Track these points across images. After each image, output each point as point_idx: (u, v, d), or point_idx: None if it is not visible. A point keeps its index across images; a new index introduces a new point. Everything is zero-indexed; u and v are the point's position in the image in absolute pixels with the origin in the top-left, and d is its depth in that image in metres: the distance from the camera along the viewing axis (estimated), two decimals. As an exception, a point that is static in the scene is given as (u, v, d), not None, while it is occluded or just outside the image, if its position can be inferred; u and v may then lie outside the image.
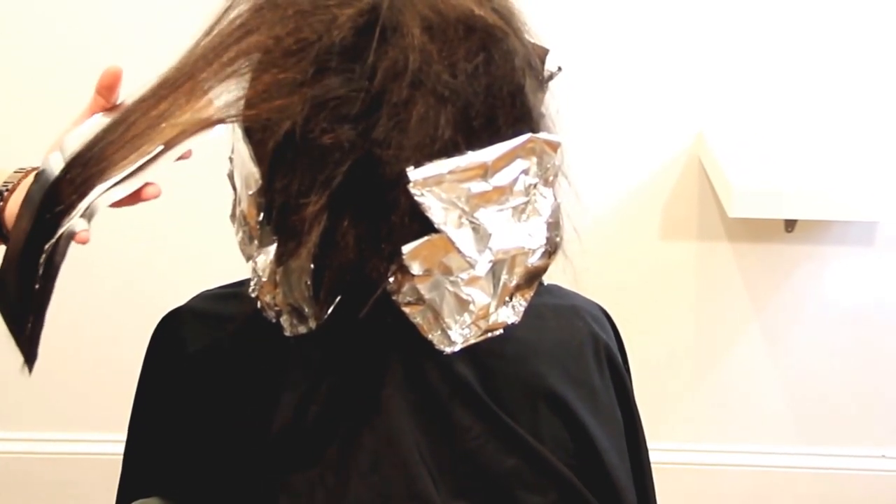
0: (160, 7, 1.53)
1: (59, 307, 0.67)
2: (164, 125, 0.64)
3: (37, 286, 0.65)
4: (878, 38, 1.54)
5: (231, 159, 0.70)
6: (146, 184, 0.67)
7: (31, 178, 0.74)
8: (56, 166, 0.65)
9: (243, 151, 0.65)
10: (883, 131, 1.59)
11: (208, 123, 0.63)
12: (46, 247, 0.64)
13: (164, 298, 0.84)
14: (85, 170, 0.64)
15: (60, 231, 0.64)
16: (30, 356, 0.66)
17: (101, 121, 0.66)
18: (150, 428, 0.81)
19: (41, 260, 0.64)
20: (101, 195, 0.65)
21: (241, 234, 0.69)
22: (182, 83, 0.63)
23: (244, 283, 0.70)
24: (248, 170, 0.65)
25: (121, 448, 0.82)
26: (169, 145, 0.64)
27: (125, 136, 0.64)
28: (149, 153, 0.64)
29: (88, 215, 0.65)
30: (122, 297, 1.69)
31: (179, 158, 0.66)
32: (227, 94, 0.63)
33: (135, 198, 0.68)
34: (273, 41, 0.61)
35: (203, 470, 0.75)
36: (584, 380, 0.76)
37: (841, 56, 1.55)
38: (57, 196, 0.64)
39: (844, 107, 1.58)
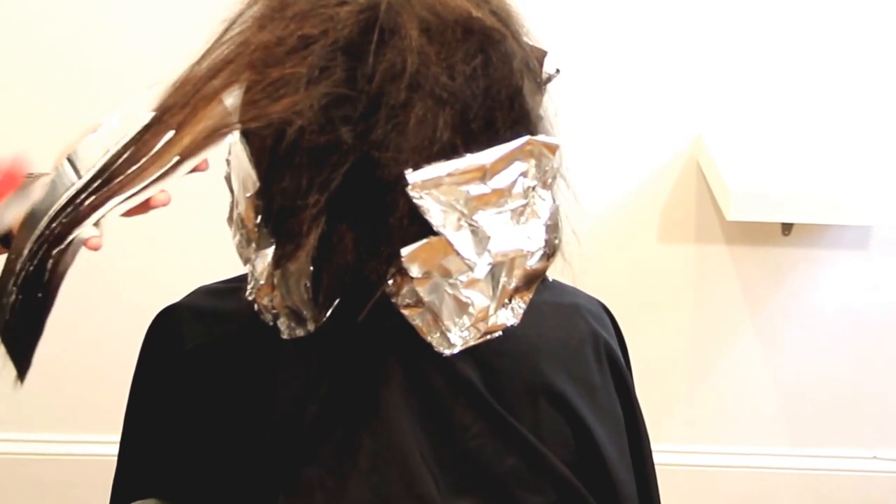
0: (161, 10, 1.52)
1: (54, 307, 0.66)
2: (178, 136, 0.63)
3: (39, 295, 0.64)
4: (874, 43, 1.55)
5: (228, 161, 0.70)
6: None
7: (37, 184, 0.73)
8: (69, 174, 0.65)
9: (241, 153, 0.65)
10: (878, 136, 1.59)
11: (223, 129, 0.63)
12: (54, 252, 0.64)
13: (160, 300, 0.83)
14: (99, 182, 0.64)
15: (70, 238, 0.64)
16: (23, 367, 0.65)
17: (115, 126, 0.65)
18: (146, 427, 0.80)
19: (48, 267, 0.64)
20: (114, 207, 0.65)
21: (238, 236, 0.68)
22: (191, 96, 0.63)
23: (243, 279, 0.69)
24: (246, 172, 0.65)
25: (116, 449, 0.82)
26: (184, 156, 0.64)
27: (141, 150, 0.64)
28: (164, 165, 0.64)
29: (100, 225, 0.65)
30: (118, 297, 1.69)
31: (194, 170, 0.66)
32: (238, 100, 0.63)
33: (145, 206, 0.68)
34: (276, 41, 0.61)
35: (200, 470, 0.74)
36: (583, 377, 0.76)
37: (837, 61, 1.56)
38: (69, 208, 0.64)
39: (841, 112, 1.58)
